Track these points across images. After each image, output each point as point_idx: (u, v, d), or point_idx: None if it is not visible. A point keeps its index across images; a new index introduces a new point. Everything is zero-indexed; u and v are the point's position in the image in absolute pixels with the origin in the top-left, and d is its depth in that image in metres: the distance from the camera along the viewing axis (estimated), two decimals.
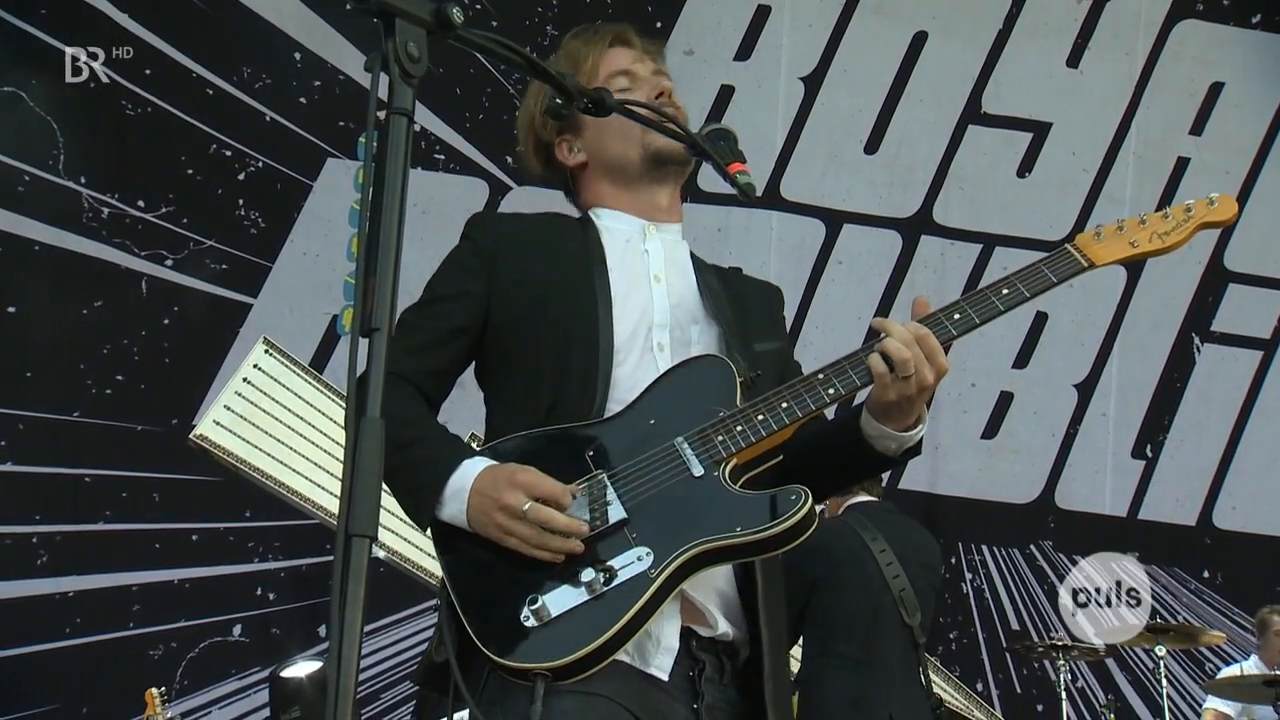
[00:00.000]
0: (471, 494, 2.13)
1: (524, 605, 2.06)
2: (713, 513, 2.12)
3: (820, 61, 8.39)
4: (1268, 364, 8.79)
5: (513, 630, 2.06)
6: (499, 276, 2.38)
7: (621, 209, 2.49)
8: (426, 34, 1.65)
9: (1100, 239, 2.34)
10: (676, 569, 2.08)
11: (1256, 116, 8.85)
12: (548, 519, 2.08)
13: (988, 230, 8.58)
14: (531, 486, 2.10)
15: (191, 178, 7.32)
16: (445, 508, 2.16)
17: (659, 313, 2.37)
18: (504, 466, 2.16)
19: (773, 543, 2.11)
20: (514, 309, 2.36)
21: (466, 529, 2.15)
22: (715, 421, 2.20)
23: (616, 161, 2.48)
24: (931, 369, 2.16)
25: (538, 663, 2.02)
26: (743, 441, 2.17)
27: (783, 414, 2.18)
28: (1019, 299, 2.26)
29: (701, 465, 2.16)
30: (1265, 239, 8.81)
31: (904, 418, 2.22)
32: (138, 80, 7.21)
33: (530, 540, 2.08)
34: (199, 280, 7.23)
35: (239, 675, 6.93)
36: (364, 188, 1.60)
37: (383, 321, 1.55)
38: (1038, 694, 7.95)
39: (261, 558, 7.09)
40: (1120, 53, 8.73)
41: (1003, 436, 8.46)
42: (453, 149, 7.71)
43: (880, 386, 2.17)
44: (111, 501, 6.94)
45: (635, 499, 2.15)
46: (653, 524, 2.12)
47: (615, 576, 2.07)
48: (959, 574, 8.27)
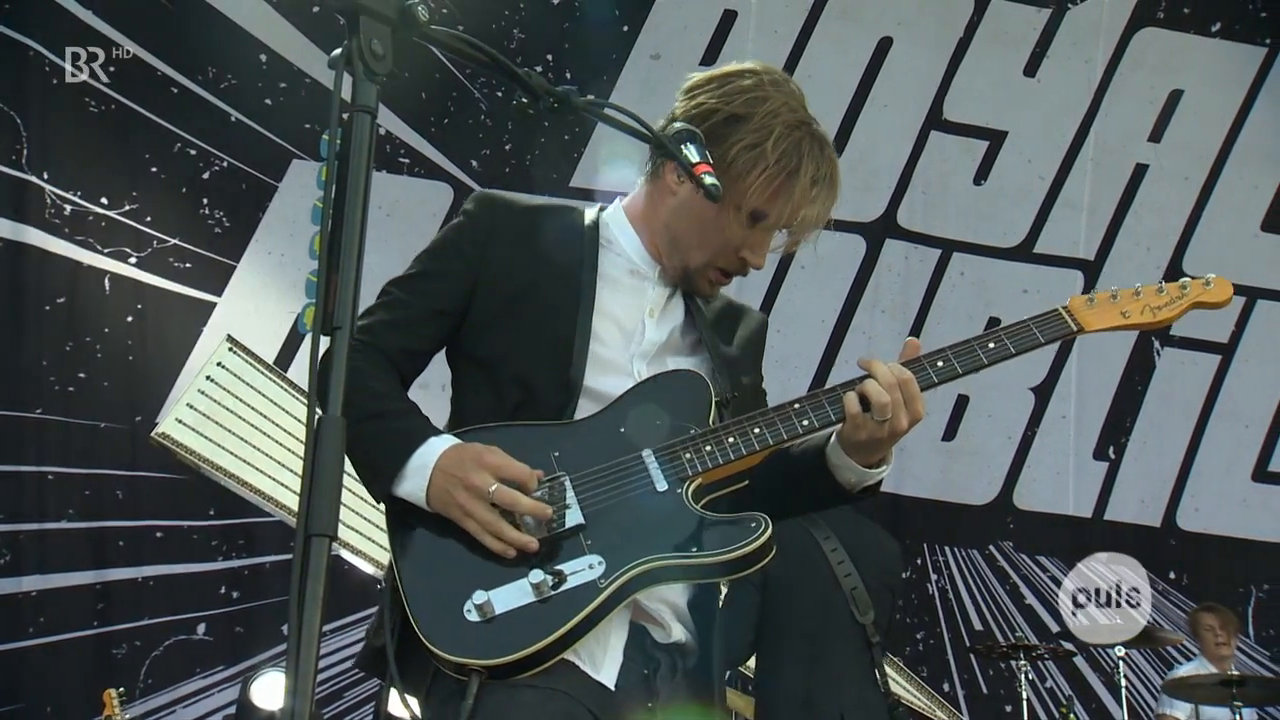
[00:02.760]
0: (435, 471, 2.09)
1: (469, 599, 2.02)
2: (671, 530, 2.10)
3: (785, 66, 8.40)
4: (1226, 367, 8.90)
5: (454, 623, 2.01)
6: (490, 261, 2.31)
7: (649, 248, 2.41)
8: (391, 32, 1.64)
9: (1093, 305, 2.34)
10: (626, 582, 2.05)
11: (1215, 124, 8.94)
12: (513, 501, 2.05)
13: (947, 236, 8.65)
14: (499, 468, 2.07)
15: (156, 176, 7.29)
16: (405, 483, 2.12)
17: (646, 344, 2.34)
18: (471, 445, 2.12)
19: (726, 567, 2.10)
20: (499, 297, 2.29)
21: (424, 507, 2.11)
22: (685, 439, 2.18)
23: (678, 237, 2.36)
24: (907, 415, 2.16)
25: (474, 659, 1.99)
26: (710, 462, 2.15)
27: (754, 440, 2.17)
28: (1004, 354, 2.26)
29: (666, 481, 2.13)
30: (1222, 244, 8.91)
31: (869, 455, 2.23)
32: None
33: (489, 525, 2.05)
34: (163, 278, 7.22)
35: (203, 674, 6.90)
36: (326, 185, 1.59)
37: (345, 320, 1.54)
38: (1004, 694, 8.01)
39: (226, 556, 7.06)
40: (1080, 60, 8.82)
41: (961, 439, 8.53)
42: (417, 153, 7.71)
43: (852, 426, 2.17)
44: (74, 500, 6.90)
45: (595, 506, 2.12)
46: (609, 533, 2.09)
47: (564, 582, 2.04)
48: (925, 575, 8.33)
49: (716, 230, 2.29)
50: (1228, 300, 2.39)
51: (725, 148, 2.23)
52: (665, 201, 2.37)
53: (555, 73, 7.80)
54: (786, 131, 2.25)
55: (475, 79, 7.71)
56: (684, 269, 2.37)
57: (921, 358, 2.24)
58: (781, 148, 2.23)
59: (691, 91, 2.34)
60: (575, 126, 7.87)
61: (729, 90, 2.29)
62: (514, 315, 2.28)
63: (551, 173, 7.95)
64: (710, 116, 2.26)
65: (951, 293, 8.63)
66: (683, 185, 2.31)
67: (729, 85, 2.29)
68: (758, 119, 2.24)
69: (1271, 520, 8.75)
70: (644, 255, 2.40)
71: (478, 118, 7.82)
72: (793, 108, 2.28)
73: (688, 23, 8.27)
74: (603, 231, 2.42)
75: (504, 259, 2.31)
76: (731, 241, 2.31)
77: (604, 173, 6.96)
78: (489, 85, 7.73)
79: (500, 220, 2.36)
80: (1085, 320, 2.32)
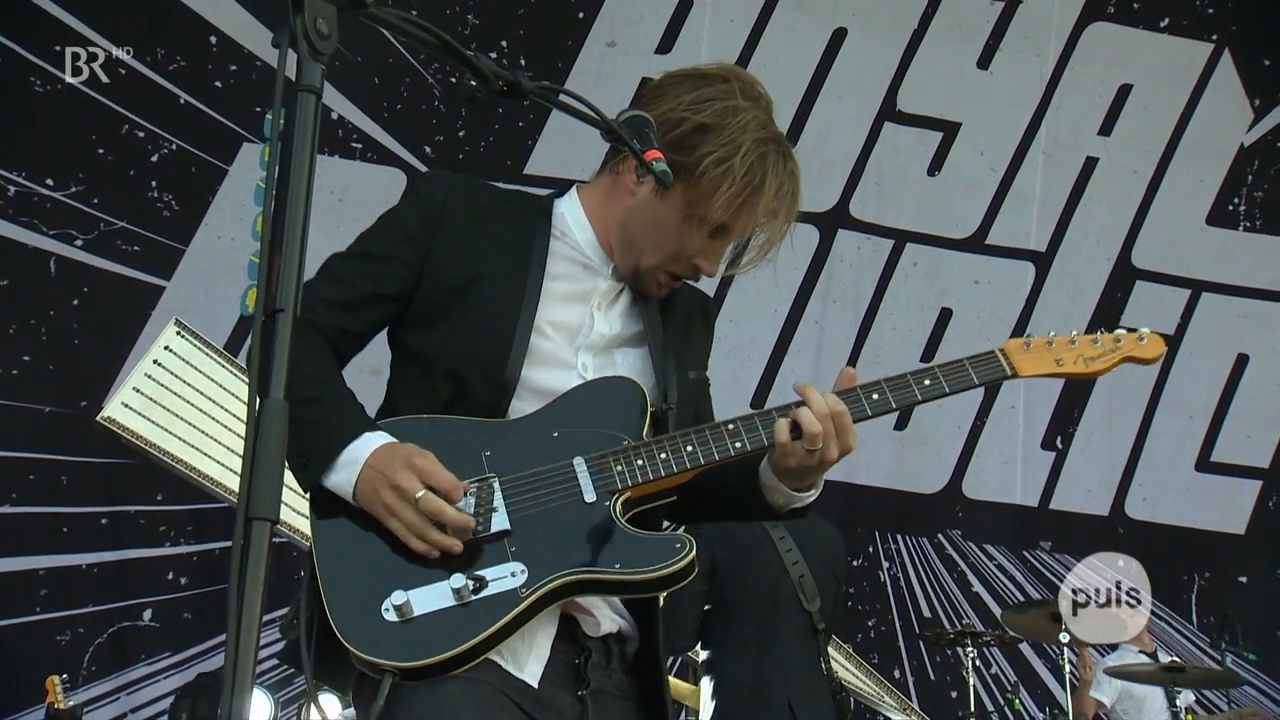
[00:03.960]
0: (365, 467, 2.07)
1: (387, 598, 2.00)
2: (595, 544, 2.08)
3: (740, 56, 8.43)
4: (1172, 359, 9.00)
5: (371, 622, 2.00)
6: (437, 247, 2.27)
7: (602, 242, 2.39)
8: (337, 11, 1.61)
9: (1029, 349, 2.35)
10: (548, 592, 2.05)
11: (1163, 118, 9.04)
12: (437, 511, 2.04)
13: (900, 226, 8.70)
14: (427, 474, 2.05)
15: (103, 158, 7.21)
16: (334, 475, 2.10)
17: (593, 336, 2.32)
18: (403, 445, 2.10)
19: (647, 585, 2.10)
20: (444, 288, 2.26)
21: (350, 501, 2.10)
22: (617, 450, 2.16)
23: (632, 238, 2.34)
24: (837, 446, 2.17)
25: (388, 659, 1.97)
26: (640, 477, 2.15)
27: (685, 458, 2.16)
28: (938, 392, 2.28)
29: (595, 492, 2.12)
30: (1170, 238, 9.03)
31: (798, 481, 2.23)
32: (49, 57, 7.08)
33: (414, 527, 2.04)
34: (110, 261, 7.13)
35: (149, 660, 6.85)
36: (269, 166, 1.57)
37: (287, 302, 1.52)
38: (950, 680, 8.08)
39: (173, 542, 7.01)
40: (1031, 53, 8.89)
41: (912, 428, 8.59)
42: (370, 138, 7.66)
43: (782, 452, 2.17)
44: (18, 484, 6.82)
45: (522, 512, 2.10)
46: (533, 542, 2.08)
47: (485, 587, 2.03)
48: (876, 563, 8.39)
49: (675, 237, 2.29)
50: (1159, 356, 2.40)
51: (694, 158, 2.22)
52: (623, 200, 2.35)
53: (509, 59, 7.77)
54: (754, 147, 2.23)
55: (429, 64, 7.66)
56: (635, 269, 2.35)
57: (857, 389, 2.24)
58: (749, 163, 2.22)
59: (660, 91, 2.32)
60: (530, 113, 7.85)
61: (699, 98, 2.26)
62: (456, 309, 2.25)
63: (505, 159, 7.92)
64: (680, 125, 2.24)
65: (904, 283, 8.69)
66: (642, 186, 2.30)
67: (699, 92, 2.27)
68: (727, 132, 2.23)
69: (1213, 509, 8.88)
70: (596, 249, 2.38)
71: (431, 103, 7.78)
72: (762, 122, 2.26)
73: (643, 11, 8.26)
74: (556, 222, 2.39)
75: (452, 247, 2.28)
76: (688, 249, 2.30)
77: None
78: (443, 71, 7.69)
79: (452, 204, 2.32)
80: (1019, 365, 2.33)
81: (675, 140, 2.20)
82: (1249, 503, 8.96)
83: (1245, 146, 9.08)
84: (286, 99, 1.58)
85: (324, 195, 7.27)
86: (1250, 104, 9.09)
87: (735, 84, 2.28)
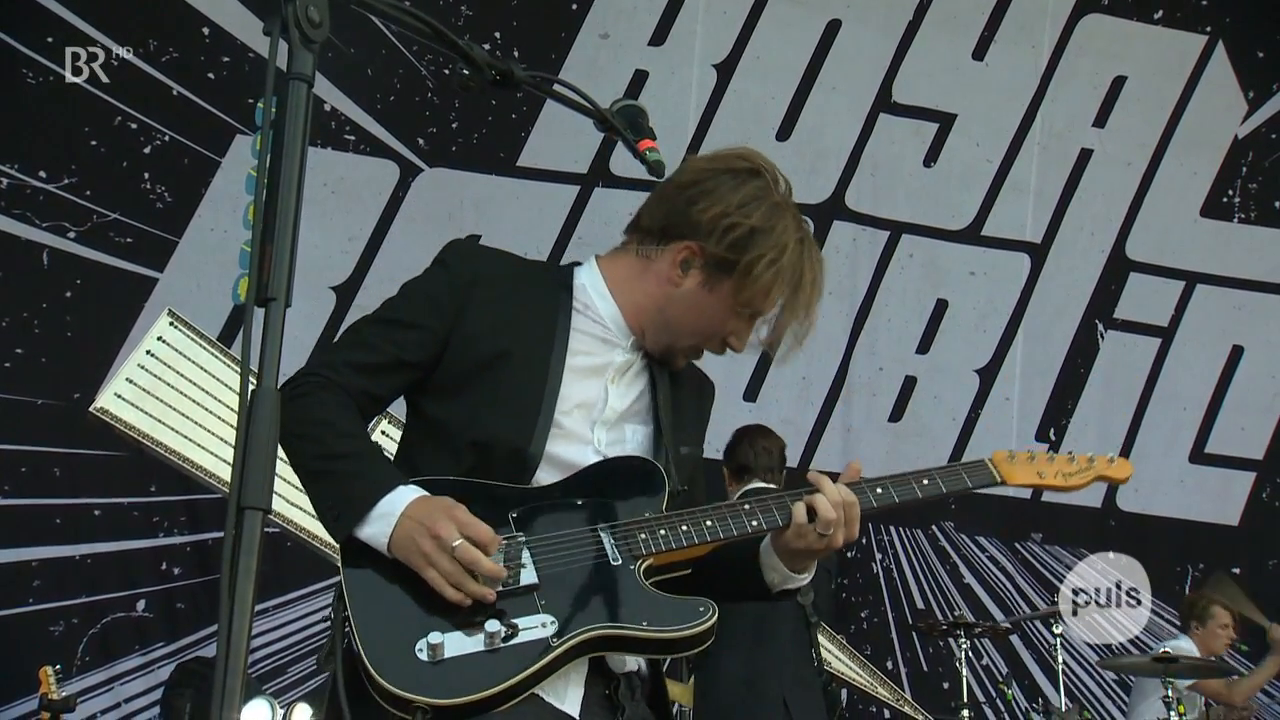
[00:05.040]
0: (403, 518, 2.12)
1: (421, 638, 2.06)
2: (622, 602, 2.18)
3: (734, 48, 8.44)
4: (1166, 351, 9.02)
5: (405, 659, 2.05)
6: (465, 320, 2.34)
7: (628, 318, 2.47)
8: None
9: (1014, 461, 2.54)
10: (577, 644, 2.12)
11: (1157, 110, 9.05)
12: (474, 560, 2.09)
13: (896, 218, 8.70)
14: (465, 525, 2.11)
15: (95, 149, 7.19)
16: (368, 527, 2.15)
17: (606, 411, 2.41)
18: (440, 499, 2.16)
19: (672, 645, 2.20)
20: (468, 362, 2.33)
21: (383, 552, 2.14)
22: (641, 520, 2.27)
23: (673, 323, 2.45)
24: (844, 535, 2.30)
25: (422, 695, 2.01)
26: (663, 545, 2.25)
27: (705, 531, 2.27)
28: (936, 492, 2.43)
29: (620, 556, 2.22)
30: (1164, 230, 9.04)
31: (797, 562, 2.37)
32: (40, 48, 7.07)
33: (450, 576, 2.09)
34: (103, 253, 7.12)
35: (143, 650, 6.85)
36: (261, 154, 1.57)
37: (279, 291, 1.52)
38: (943, 671, 8.11)
39: (166, 532, 7.00)
40: (1026, 45, 8.89)
41: (908, 419, 8.60)
42: (363, 130, 7.65)
43: (795, 533, 2.29)
44: (11, 476, 6.81)
45: (549, 570, 2.19)
46: (562, 596, 2.16)
47: (517, 634, 2.09)
48: (869, 554, 8.40)
49: (717, 322, 2.45)
50: (1128, 478, 2.64)
51: (747, 260, 2.37)
52: (662, 287, 2.44)
53: (503, 50, 7.76)
54: (796, 246, 2.41)
55: (422, 56, 7.65)
56: (668, 347, 2.49)
57: (862, 482, 2.38)
58: (793, 262, 2.40)
59: (700, 187, 2.41)
60: (523, 105, 7.84)
61: (745, 199, 2.39)
62: (481, 384, 2.33)
63: (499, 151, 7.92)
64: (736, 229, 2.37)
65: (900, 275, 8.69)
66: (687, 277, 2.41)
67: (743, 192, 2.40)
68: (774, 234, 2.39)
69: (1207, 501, 8.90)
70: (619, 324, 2.47)
71: (424, 95, 7.76)
72: (797, 219, 2.44)
73: (637, 3, 8.26)
74: (578, 294, 2.47)
75: (479, 320, 2.35)
76: (725, 330, 2.46)
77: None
78: (436, 63, 7.67)
79: (481, 277, 2.39)
80: (1006, 473, 2.51)
81: (733, 243, 2.36)
82: (1243, 494, 8.98)
83: (1239, 138, 9.10)
84: (278, 88, 1.58)
85: (316, 188, 7.28)
86: (1244, 96, 9.09)
87: (767, 178, 2.44)
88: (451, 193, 7.84)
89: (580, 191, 8.07)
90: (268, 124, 1.57)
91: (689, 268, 2.40)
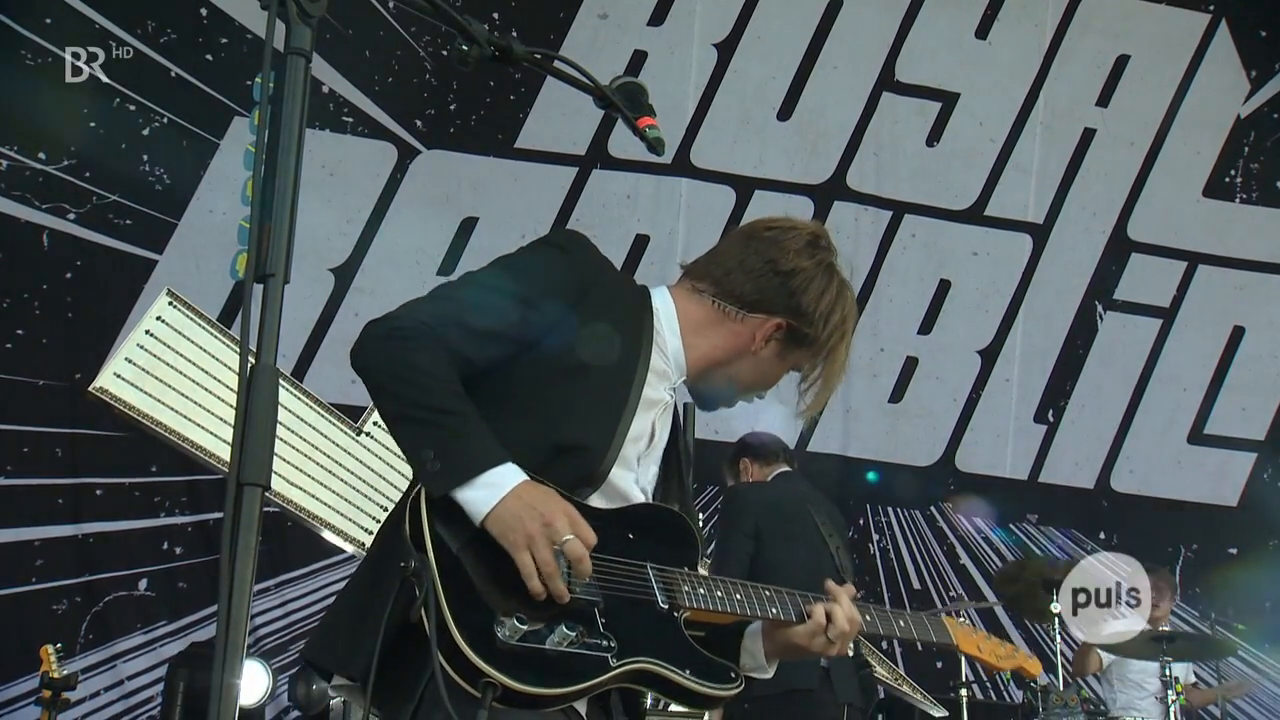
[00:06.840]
0: (511, 496, 2.10)
1: (500, 618, 2.06)
2: (671, 646, 2.27)
3: (735, 27, 8.41)
4: (1166, 331, 9.01)
5: (483, 633, 2.04)
6: (578, 314, 2.31)
7: (690, 361, 2.51)
8: None
9: (963, 628, 2.83)
10: (630, 671, 2.19)
11: (1160, 89, 9.01)
12: (579, 558, 2.11)
13: (898, 198, 8.69)
14: (576, 523, 2.12)
15: (94, 131, 7.20)
16: (469, 490, 2.10)
17: (654, 447, 2.48)
18: (555, 491, 2.17)
19: (702, 699, 2.31)
20: (569, 360, 2.30)
21: (474, 519, 2.11)
22: (684, 572, 2.35)
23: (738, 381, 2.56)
24: (840, 647, 2.46)
25: (498, 673, 2.01)
26: (700, 604, 2.34)
27: (734, 603, 2.38)
28: (909, 635, 2.63)
29: (665, 602, 2.29)
30: (1166, 210, 9.02)
31: (779, 655, 2.49)
32: (40, 30, 7.07)
33: (545, 566, 2.09)
34: (102, 235, 7.14)
35: (145, 629, 6.90)
36: (259, 130, 1.57)
37: (278, 266, 1.52)
38: (936, 651, 8.12)
39: (168, 512, 7.05)
40: (1030, 24, 8.86)
41: (908, 400, 8.60)
42: (361, 112, 7.66)
43: (808, 632, 2.42)
44: (13, 456, 6.86)
45: (609, 592, 2.22)
46: (622, 622, 2.21)
47: (583, 644, 2.13)
48: (867, 535, 8.42)
49: (772, 379, 2.60)
50: (1036, 676, 3.06)
51: (824, 330, 2.51)
52: (738, 346, 2.51)
53: (501, 30, 7.71)
54: (852, 310, 2.58)
55: (420, 38, 7.64)
56: (715, 396, 2.60)
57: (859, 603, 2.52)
58: (848, 321, 2.57)
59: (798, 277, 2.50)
60: (521, 87, 7.83)
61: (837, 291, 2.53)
62: (574, 385, 2.31)
63: (497, 133, 7.92)
64: (832, 314, 2.52)
65: (902, 254, 8.68)
66: (767, 347, 2.51)
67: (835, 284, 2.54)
68: (844, 307, 2.55)
69: (1204, 481, 8.91)
70: (680, 363, 2.50)
71: (423, 77, 7.76)
72: (848, 284, 2.59)
73: None
74: (654, 321, 2.48)
75: (588, 322, 2.33)
76: (771, 385, 2.62)
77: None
78: (434, 45, 7.67)
79: (599, 277, 2.40)
80: (958, 638, 2.77)
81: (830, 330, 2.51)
82: (1243, 475, 8.99)
83: (1242, 118, 9.07)
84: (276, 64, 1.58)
85: (314, 170, 7.28)
86: (1247, 75, 9.07)
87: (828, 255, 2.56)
88: (449, 174, 7.84)
89: (578, 173, 8.07)
90: (265, 99, 1.57)
91: (771, 339, 2.50)
